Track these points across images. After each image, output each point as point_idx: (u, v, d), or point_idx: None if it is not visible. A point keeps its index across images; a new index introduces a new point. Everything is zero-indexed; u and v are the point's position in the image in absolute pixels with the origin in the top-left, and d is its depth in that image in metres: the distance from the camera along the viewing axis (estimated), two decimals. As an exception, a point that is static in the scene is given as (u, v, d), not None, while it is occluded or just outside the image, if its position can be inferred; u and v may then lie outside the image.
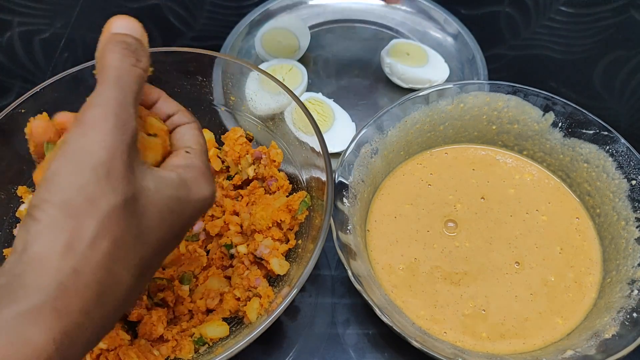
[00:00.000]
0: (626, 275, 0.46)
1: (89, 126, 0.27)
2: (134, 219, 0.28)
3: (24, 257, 0.25)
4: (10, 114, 0.44)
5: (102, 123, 0.27)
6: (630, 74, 0.68)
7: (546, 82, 0.67)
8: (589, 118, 0.50)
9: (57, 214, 0.25)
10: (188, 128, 0.34)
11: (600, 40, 0.71)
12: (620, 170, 0.49)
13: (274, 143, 0.50)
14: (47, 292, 0.24)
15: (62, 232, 0.25)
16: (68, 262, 0.25)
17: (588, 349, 0.41)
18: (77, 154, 0.27)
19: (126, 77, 0.29)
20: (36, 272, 0.24)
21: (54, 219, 0.25)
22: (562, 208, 0.52)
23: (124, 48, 0.31)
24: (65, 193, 0.26)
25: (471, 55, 0.66)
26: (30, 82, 0.68)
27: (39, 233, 0.25)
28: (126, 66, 0.30)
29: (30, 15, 0.75)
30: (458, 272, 0.48)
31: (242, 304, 0.44)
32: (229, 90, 0.52)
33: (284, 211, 0.45)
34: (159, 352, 0.41)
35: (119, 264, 0.27)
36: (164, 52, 0.49)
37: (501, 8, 0.75)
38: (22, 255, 0.25)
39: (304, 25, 0.69)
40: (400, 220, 0.51)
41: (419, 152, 0.56)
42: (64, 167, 0.26)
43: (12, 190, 0.46)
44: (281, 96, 0.48)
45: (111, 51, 0.30)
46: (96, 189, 0.26)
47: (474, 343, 0.45)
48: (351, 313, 0.50)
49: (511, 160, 0.55)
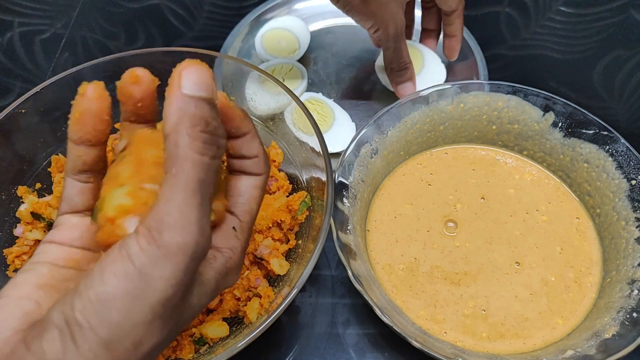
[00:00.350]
0: (626, 275, 0.46)
1: (161, 256, 0.23)
2: (165, 343, 0.26)
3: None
4: (10, 114, 0.44)
5: (175, 257, 0.23)
6: (630, 74, 0.68)
7: (546, 82, 0.67)
8: (589, 118, 0.50)
9: (99, 351, 0.23)
10: (250, 187, 0.29)
11: (600, 40, 0.71)
12: (620, 170, 0.49)
13: (274, 143, 0.50)
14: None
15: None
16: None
17: (588, 349, 0.41)
18: (140, 285, 0.23)
19: (208, 180, 0.24)
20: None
21: (95, 355, 0.23)
22: (562, 208, 0.52)
23: (203, 137, 0.24)
24: (114, 330, 0.23)
25: (471, 55, 0.66)
26: (30, 82, 0.68)
27: None
28: (207, 162, 0.24)
29: (31, 15, 0.75)
30: (458, 272, 0.48)
31: (242, 304, 0.44)
32: (229, 90, 0.52)
33: (284, 211, 0.45)
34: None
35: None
36: (164, 52, 0.49)
37: (501, 8, 0.75)
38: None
39: (304, 25, 0.69)
40: (400, 220, 0.51)
41: (419, 152, 0.56)
42: (121, 297, 0.23)
43: (12, 190, 0.46)
44: (281, 96, 0.48)
45: (190, 138, 0.24)
46: (145, 330, 0.24)
47: (474, 343, 0.45)
48: (351, 313, 0.50)
49: (511, 160, 0.55)
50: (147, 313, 0.23)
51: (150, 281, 0.23)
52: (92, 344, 0.23)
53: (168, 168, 0.24)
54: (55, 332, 0.23)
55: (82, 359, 0.23)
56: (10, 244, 0.46)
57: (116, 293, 0.23)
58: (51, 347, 0.23)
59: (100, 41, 0.72)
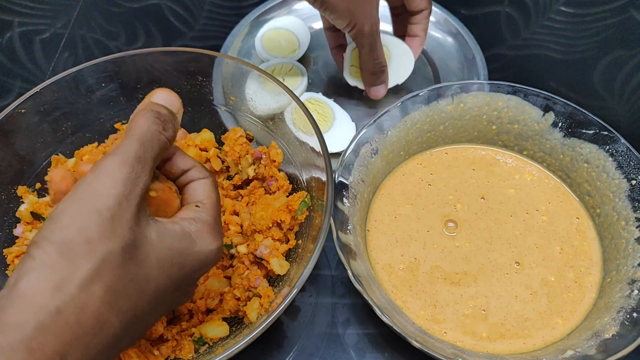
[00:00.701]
0: (626, 275, 0.46)
1: (103, 172, 0.28)
2: (131, 265, 0.28)
3: (12, 292, 0.25)
4: (10, 114, 0.44)
5: (116, 171, 0.28)
6: (630, 74, 0.68)
7: (546, 82, 0.67)
8: (589, 118, 0.50)
9: (53, 253, 0.26)
10: (201, 183, 0.35)
11: (600, 40, 0.71)
12: (620, 170, 0.49)
13: (274, 143, 0.50)
14: (25, 330, 0.24)
15: (53, 271, 0.25)
16: (52, 302, 0.25)
17: (588, 349, 0.41)
18: (86, 196, 0.27)
19: (149, 138, 0.31)
20: (18, 309, 0.24)
21: (48, 257, 0.26)
22: (562, 208, 0.52)
23: (155, 116, 0.32)
24: (65, 233, 0.26)
25: (471, 55, 0.66)
26: (30, 82, 0.68)
27: (31, 270, 0.25)
28: (152, 130, 0.31)
29: (31, 15, 0.75)
30: (458, 272, 0.48)
31: (242, 304, 0.44)
32: (229, 90, 0.52)
33: (284, 211, 0.45)
34: (159, 352, 0.41)
35: (107, 308, 0.26)
36: (164, 52, 0.49)
37: (501, 8, 0.75)
38: (11, 291, 0.25)
39: (304, 25, 0.69)
40: (400, 220, 0.51)
41: (419, 152, 0.56)
42: (69, 207, 0.27)
43: (12, 190, 0.46)
44: (281, 96, 0.48)
45: (143, 116, 0.32)
46: (96, 231, 0.26)
47: (474, 343, 0.45)
48: (351, 313, 0.50)
49: (511, 160, 0.55)
50: (94, 215, 0.27)
51: (95, 190, 0.27)
52: (45, 250, 0.26)
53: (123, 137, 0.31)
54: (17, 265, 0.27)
55: (36, 265, 0.25)
56: (10, 244, 0.46)
57: (66, 206, 0.27)
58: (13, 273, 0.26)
59: (100, 41, 0.72)
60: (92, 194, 0.27)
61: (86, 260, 0.26)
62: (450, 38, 0.69)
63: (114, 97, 0.50)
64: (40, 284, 0.25)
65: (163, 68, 0.49)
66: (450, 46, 0.69)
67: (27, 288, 0.25)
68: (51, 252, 0.26)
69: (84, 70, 0.47)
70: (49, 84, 0.46)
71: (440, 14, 0.70)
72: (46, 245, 0.26)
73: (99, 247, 0.26)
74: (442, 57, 0.68)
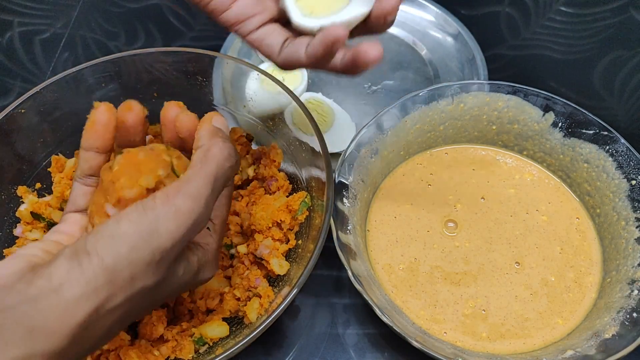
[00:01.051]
0: (626, 275, 0.46)
1: (172, 212, 0.28)
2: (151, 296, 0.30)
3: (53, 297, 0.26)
4: (10, 114, 0.44)
5: (183, 217, 0.29)
6: (630, 74, 0.68)
7: (546, 82, 0.67)
8: (589, 118, 0.50)
9: (101, 275, 0.27)
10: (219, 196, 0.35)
11: (600, 40, 0.71)
12: (620, 170, 0.49)
13: (274, 143, 0.50)
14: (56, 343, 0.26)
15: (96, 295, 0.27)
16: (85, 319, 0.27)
17: (588, 349, 0.41)
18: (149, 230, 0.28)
19: (222, 178, 0.31)
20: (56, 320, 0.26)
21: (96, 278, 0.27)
22: (562, 208, 0.52)
23: (231, 152, 0.32)
24: (118, 260, 0.27)
25: (471, 55, 0.66)
26: (30, 82, 0.68)
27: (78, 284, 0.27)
28: (226, 168, 0.32)
29: (30, 15, 0.75)
30: (458, 272, 0.48)
31: (242, 304, 0.44)
32: (228, 90, 0.52)
33: (284, 211, 0.45)
34: (159, 352, 0.41)
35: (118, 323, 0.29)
36: (164, 52, 0.49)
37: (501, 8, 0.75)
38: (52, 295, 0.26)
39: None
40: (400, 220, 0.51)
41: (418, 152, 0.56)
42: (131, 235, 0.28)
43: (12, 190, 0.46)
44: (281, 96, 0.48)
45: (220, 148, 0.32)
46: (142, 269, 0.28)
47: (474, 343, 0.45)
48: (351, 313, 0.50)
49: (511, 160, 0.55)
50: (148, 254, 0.28)
51: (158, 229, 0.28)
52: (96, 268, 0.27)
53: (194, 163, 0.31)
54: (63, 260, 0.27)
55: (83, 278, 0.27)
56: (10, 244, 0.46)
57: (128, 232, 0.28)
58: (57, 271, 0.27)
59: (100, 41, 0.72)
60: (154, 231, 0.28)
61: (123, 292, 0.28)
62: (450, 38, 0.69)
63: (114, 97, 0.50)
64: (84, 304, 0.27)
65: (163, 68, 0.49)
66: (450, 46, 0.69)
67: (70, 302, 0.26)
68: (100, 274, 0.27)
69: (84, 70, 0.47)
70: (49, 84, 0.46)
71: (440, 14, 0.70)
72: (97, 264, 0.27)
73: (137, 283, 0.28)
74: (442, 57, 0.68)
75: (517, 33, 0.72)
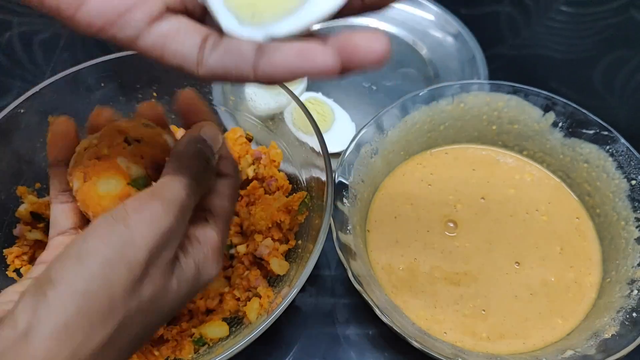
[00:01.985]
0: (626, 275, 0.46)
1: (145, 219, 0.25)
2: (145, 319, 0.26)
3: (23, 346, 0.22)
4: (10, 114, 0.44)
5: (157, 221, 0.25)
6: (630, 74, 0.68)
7: (546, 82, 0.67)
8: (589, 118, 0.50)
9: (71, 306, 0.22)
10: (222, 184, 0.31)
11: (600, 40, 0.71)
12: (620, 170, 0.49)
13: (273, 143, 0.50)
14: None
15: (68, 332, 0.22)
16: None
17: (588, 349, 0.41)
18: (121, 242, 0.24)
19: (197, 184, 0.28)
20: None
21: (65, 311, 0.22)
22: (562, 208, 0.52)
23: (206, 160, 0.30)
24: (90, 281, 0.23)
25: (471, 55, 0.66)
26: (30, 82, 0.68)
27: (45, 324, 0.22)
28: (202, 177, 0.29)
29: (30, 15, 0.75)
30: (458, 272, 0.48)
31: (242, 304, 0.44)
32: (228, 90, 0.52)
33: (283, 211, 0.45)
34: (159, 352, 0.41)
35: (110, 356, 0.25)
36: (164, 52, 0.49)
37: (501, 8, 0.75)
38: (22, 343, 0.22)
39: (304, 25, 0.68)
40: (400, 220, 0.51)
41: (419, 152, 0.56)
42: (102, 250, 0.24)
43: (12, 190, 0.46)
44: (281, 96, 0.48)
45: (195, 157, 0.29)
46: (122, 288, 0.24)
47: (474, 343, 0.45)
48: (351, 313, 0.50)
49: (511, 160, 0.55)
50: (125, 269, 0.24)
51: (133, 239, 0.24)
52: (64, 297, 0.22)
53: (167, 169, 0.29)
54: (27, 298, 0.23)
55: (53, 313, 0.22)
56: (10, 244, 0.46)
57: (98, 247, 0.23)
58: (21, 314, 0.22)
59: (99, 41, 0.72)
60: (127, 242, 0.24)
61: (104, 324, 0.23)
62: (450, 38, 0.69)
63: (114, 97, 0.50)
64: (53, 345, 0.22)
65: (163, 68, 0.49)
66: (450, 46, 0.69)
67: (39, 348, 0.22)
68: (69, 305, 0.22)
69: (84, 70, 0.47)
70: (49, 84, 0.46)
71: (440, 14, 0.70)
72: (64, 292, 0.23)
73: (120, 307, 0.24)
74: (442, 57, 0.68)
75: (517, 33, 0.72)
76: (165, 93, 0.51)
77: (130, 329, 0.25)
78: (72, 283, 0.23)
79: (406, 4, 0.72)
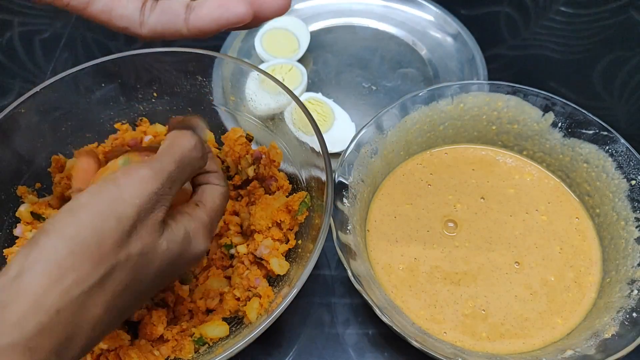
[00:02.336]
0: (626, 275, 0.46)
1: (134, 179, 0.28)
2: (135, 274, 0.28)
3: (14, 285, 0.24)
4: (10, 114, 0.44)
5: (146, 183, 0.28)
6: (630, 74, 0.68)
7: (546, 82, 0.67)
8: (589, 118, 0.50)
9: (62, 249, 0.25)
10: (213, 188, 0.35)
11: (600, 40, 0.71)
12: (620, 170, 0.49)
13: (273, 143, 0.50)
14: (26, 330, 0.24)
15: (59, 268, 0.24)
16: (54, 303, 0.24)
17: (588, 349, 0.41)
18: (111, 197, 0.27)
19: (187, 162, 0.31)
20: (21, 307, 0.24)
21: (56, 252, 0.25)
22: (562, 208, 0.52)
23: (198, 142, 0.32)
24: (80, 229, 0.25)
25: (471, 55, 0.66)
26: (30, 82, 0.68)
27: (37, 262, 0.24)
28: (192, 156, 0.32)
29: (30, 15, 0.75)
30: (458, 272, 0.48)
31: (242, 304, 0.44)
32: (228, 90, 0.52)
33: (283, 211, 0.45)
34: (159, 352, 0.41)
35: (103, 310, 0.27)
36: (164, 52, 0.49)
37: (501, 8, 0.75)
38: (14, 283, 0.24)
39: (304, 25, 0.69)
40: (400, 220, 0.51)
41: (418, 152, 0.56)
42: (91, 203, 0.26)
43: (12, 190, 0.46)
44: (281, 96, 0.48)
45: (187, 138, 0.32)
46: (111, 238, 0.26)
47: (474, 343, 0.45)
48: (351, 313, 0.50)
49: (511, 160, 0.55)
50: (114, 221, 0.26)
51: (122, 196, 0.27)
52: (55, 243, 0.25)
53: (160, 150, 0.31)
54: (21, 250, 0.25)
55: (42, 256, 0.24)
56: (10, 244, 0.46)
57: (90, 201, 0.26)
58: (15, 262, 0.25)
59: (100, 41, 0.72)
60: (117, 198, 0.27)
61: (94, 267, 0.25)
62: (450, 38, 0.69)
63: (114, 97, 0.50)
64: (45, 281, 0.24)
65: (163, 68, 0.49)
66: (450, 46, 0.69)
67: (30, 284, 0.24)
68: (60, 247, 0.25)
69: (84, 70, 0.47)
70: (49, 84, 0.46)
71: (440, 14, 0.70)
72: (56, 238, 0.25)
73: (110, 256, 0.26)
74: (442, 57, 0.68)
75: (517, 33, 0.72)
76: (165, 94, 0.51)
77: (120, 277, 0.27)
78: (64, 230, 0.25)
79: (406, 5, 0.72)
